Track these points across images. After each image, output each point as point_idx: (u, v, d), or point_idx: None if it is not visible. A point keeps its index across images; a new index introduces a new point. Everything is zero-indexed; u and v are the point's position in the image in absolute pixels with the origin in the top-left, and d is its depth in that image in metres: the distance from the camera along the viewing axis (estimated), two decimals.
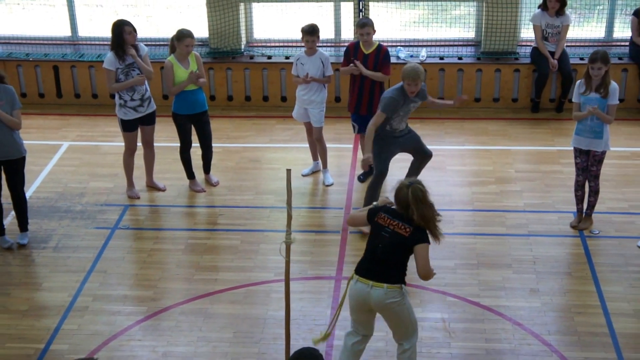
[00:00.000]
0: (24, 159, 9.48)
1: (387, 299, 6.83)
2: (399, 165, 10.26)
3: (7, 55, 13.47)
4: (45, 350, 8.09)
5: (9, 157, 9.33)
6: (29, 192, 10.60)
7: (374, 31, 10.47)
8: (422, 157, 9.86)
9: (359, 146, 11.69)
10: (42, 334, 8.33)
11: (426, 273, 6.80)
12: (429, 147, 9.96)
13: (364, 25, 10.41)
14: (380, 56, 10.47)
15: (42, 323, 8.48)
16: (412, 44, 13.52)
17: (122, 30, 9.99)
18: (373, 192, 9.52)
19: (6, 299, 8.90)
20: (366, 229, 7.40)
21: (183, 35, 10.16)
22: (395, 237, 6.79)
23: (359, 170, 11.11)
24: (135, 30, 10.11)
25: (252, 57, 13.36)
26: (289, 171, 7.26)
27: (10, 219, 9.94)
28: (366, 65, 10.40)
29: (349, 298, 7.06)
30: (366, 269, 6.92)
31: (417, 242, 6.76)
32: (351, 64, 10.45)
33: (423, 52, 13.26)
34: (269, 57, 13.33)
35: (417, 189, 6.72)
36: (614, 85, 9.19)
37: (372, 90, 10.48)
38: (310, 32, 10.50)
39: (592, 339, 8.12)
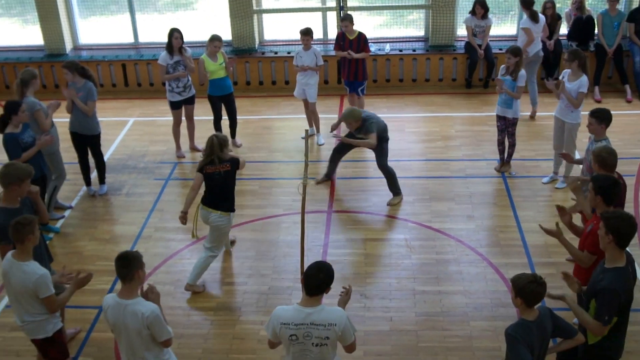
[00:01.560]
0: (98, 136, 9.42)
1: (216, 221, 7.41)
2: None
3: (90, 58, 13.32)
4: None
5: (86, 133, 9.30)
6: (107, 155, 10.55)
7: (352, 24, 10.77)
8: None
9: (343, 107, 12.06)
10: None
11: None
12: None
13: (343, 19, 10.87)
14: (361, 41, 10.81)
15: (120, 247, 8.44)
16: (379, 41, 13.38)
17: (172, 36, 10.03)
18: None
19: (94, 231, 8.93)
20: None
21: (213, 38, 10.17)
22: (225, 173, 7.33)
23: (344, 133, 11.06)
24: (181, 37, 10.11)
25: (263, 53, 13.19)
26: (307, 131, 7.82)
27: (94, 175, 9.88)
28: (351, 48, 10.75)
29: (200, 218, 7.58)
30: (208, 201, 7.44)
31: (237, 169, 7.45)
32: (347, 51, 10.77)
33: (387, 47, 13.12)
34: (276, 53, 13.17)
35: (217, 137, 7.33)
36: (522, 72, 9.29)
37: (357, 65, 10.92)
38: (306, 33, 10.50)
39: (511, 249, 8.17)
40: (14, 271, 5.62)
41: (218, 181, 7.34)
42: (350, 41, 10.77)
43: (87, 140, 9.37)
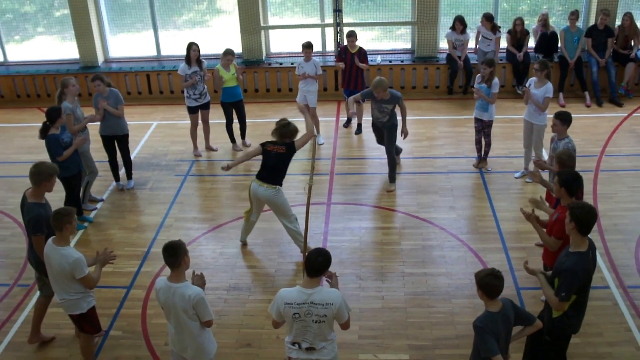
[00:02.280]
0: (127, 135, 9.38)
1: (264, 194, 7.41)
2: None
3: (119, 69, 13.28)
4: (147, 252, 8.11)
5: (117, 134, 9.27)
6: (133, 154, 10.50)
7: (356, 40, 10.80)
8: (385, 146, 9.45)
9: (340, 111, 12.00)
10: (145, 242, 8.33)
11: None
12: None
13: (350, 35, 10.81)
14: (361, 54, 10.83)
15: (145, 235, 8.47)
16: (371, 53, 13.28)
17: (190, 49, 10.00)
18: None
19: (122, 220, 8.90)
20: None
21: (226, 52, 10.15)
22: (278, 154, 7.40)
23: (341, 134, 11.05)
24: (198, 50, 10.07)
25: (270, 64, 13.13)
26: (314, 137, 7.71)
27: (122, 172, 9.85)
28: (353, 60, 10.79)
29: (250, 193, 7.57)
30: (260, 175, 7.47)
31: (293, 153, 7.44)
32: (341, 63, 10.85)
33: (379, 58, 13.07)
34: (281, 64, 13.11)
35: (285, 124, 7.46)
36: (495, 80, 9.28)
37: (356, 75, 10.92)
38: (307, 46, 10.46)
39: (488, 236, 8.13)
40: (53, 255, 5.68)
41: (272, 159, 7.40)
42: (352, 54, 10.75)
43: (117, 140, 9.34)
